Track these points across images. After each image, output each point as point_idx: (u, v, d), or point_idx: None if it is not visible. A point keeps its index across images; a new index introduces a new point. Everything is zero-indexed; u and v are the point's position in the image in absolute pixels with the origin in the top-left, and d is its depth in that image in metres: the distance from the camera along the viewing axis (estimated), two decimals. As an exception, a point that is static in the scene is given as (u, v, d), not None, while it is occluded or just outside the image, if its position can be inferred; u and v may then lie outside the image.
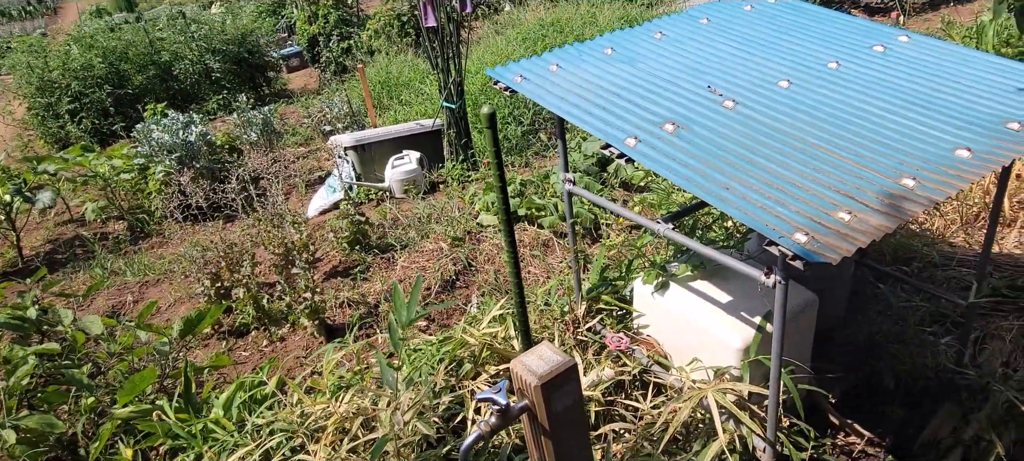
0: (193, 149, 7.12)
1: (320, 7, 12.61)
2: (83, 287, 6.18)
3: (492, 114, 1.90)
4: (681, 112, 2.35)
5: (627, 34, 2.90)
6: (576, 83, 2.56)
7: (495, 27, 11.87)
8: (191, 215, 6.94)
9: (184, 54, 11.74)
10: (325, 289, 5.00)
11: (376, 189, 6.76)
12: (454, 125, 6.88)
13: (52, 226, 8.10)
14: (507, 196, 2.08)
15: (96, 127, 10.92)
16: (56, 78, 10.77)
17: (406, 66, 10.83)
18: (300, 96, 13.09)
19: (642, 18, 8.97)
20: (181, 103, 11.58)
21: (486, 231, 5.38)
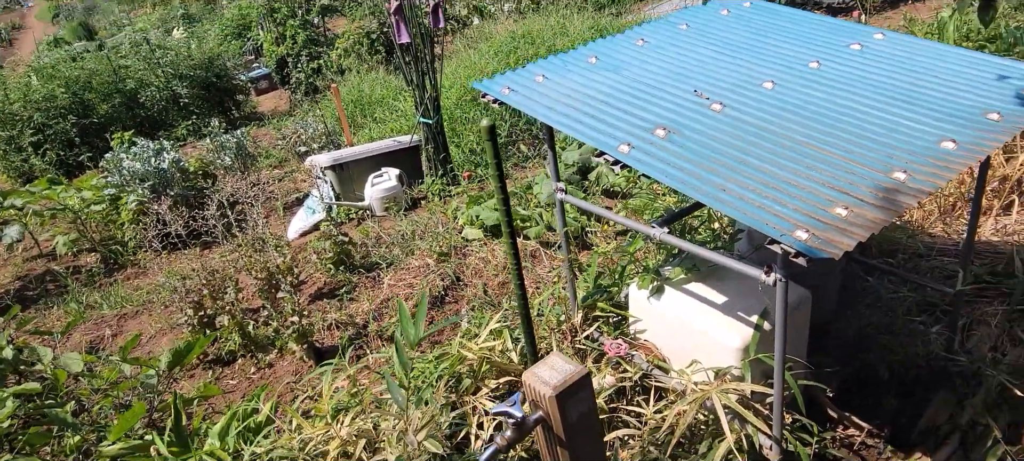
0: (166, 176, 7.01)
1: (287, 28, 12.52)
2: (58, 323, 6.02)
3: (492, 127, 1.90)
4: (671, 117, 2.38)
5: (610, 43, 2.93)
6: (564, 93, 2.57)
7: (466, 41, 11.90)
8: (169, 243, 6.81)
9: (150, 81, 11.56)
10: (312, 312, 4.95)
11: (356, 208, 6.71)
12: (432, 140, 6.87)
13: (20, 262, 7.88)
14: (509, 209, 2.08)
15: (61, 159, 10.69)
16: (17, 110, 10.53)
17: (378, 84, 10.80)
18: (271, 118, 12.97)
19: (612, 27, 9.07)
20: (149, 130, 11.40)
21: (471, 245, 5.37)
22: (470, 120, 8.25)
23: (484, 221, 5.37)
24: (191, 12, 23.33)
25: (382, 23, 12.21)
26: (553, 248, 5.10)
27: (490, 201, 5.55)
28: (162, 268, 6.86)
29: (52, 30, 35.38)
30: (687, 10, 3.18)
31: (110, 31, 28.20)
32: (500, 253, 5.15)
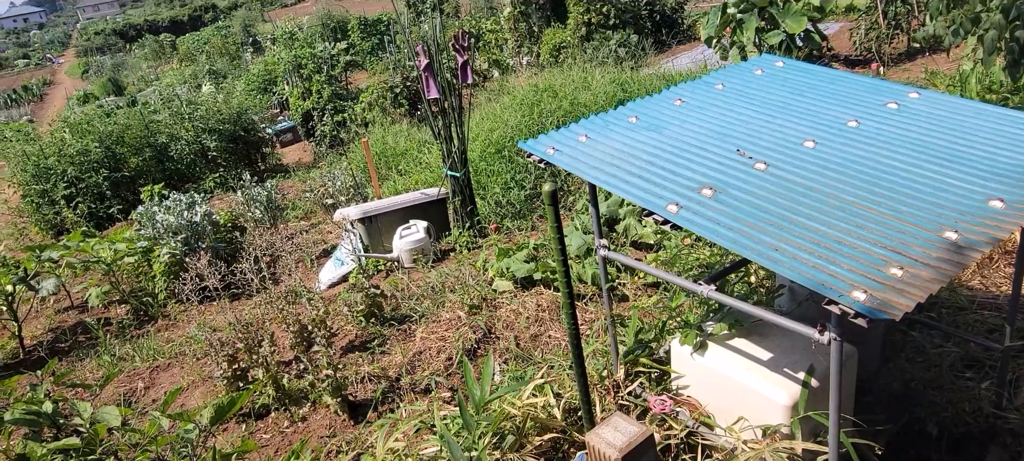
0: (198, 229, 7.14)
1: (313, 83, 12.85)
2: (91, 375, 6.09)
3: (554, 193, 1.96)
4: (716, 176, 2.43)
5: (648, 102, 3.00)
6: (608, 152, 2.63)
7: (487, 94, 12.13)
8: (202, 296, 6.90)
9: (180, 135, 11.86)
10: (345, 364, 4.97)
11: (385, 260, 6.78)
12: (459, 193, 6.97)
13: (52, 314, 8.01)
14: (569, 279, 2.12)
15: (92, 211, 10.93)
16: (52, 164, 10.82)
17: (402, 136, 11.01)
18: (295, 170, 13.21)
19: (633, 81, 9.22)
20: (177, 183, 11.65)
21: (502, 297, 5.40)
22: (495, 172, 8.37)
23: (515, 273, 5.41)
24: (216, 67, 24.00)
25: (405, 77, 12.50)
26: (585, 300, 5.12)
27: (520, 253, 5.59)
28: (193, 320, 6.94)
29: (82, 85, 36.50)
30: (722, 70, 3.26)
31: (138, 86, 29.05)
32: (531, 305, 5.17)
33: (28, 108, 34.23)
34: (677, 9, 16.33)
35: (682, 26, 16.37)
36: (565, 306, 2.28)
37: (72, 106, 26.46)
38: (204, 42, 35.42)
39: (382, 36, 22.13)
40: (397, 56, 14.16)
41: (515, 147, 8.40)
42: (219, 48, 29.15)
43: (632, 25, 14.83)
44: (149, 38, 48.76)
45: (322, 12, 25.05)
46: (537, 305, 5.17)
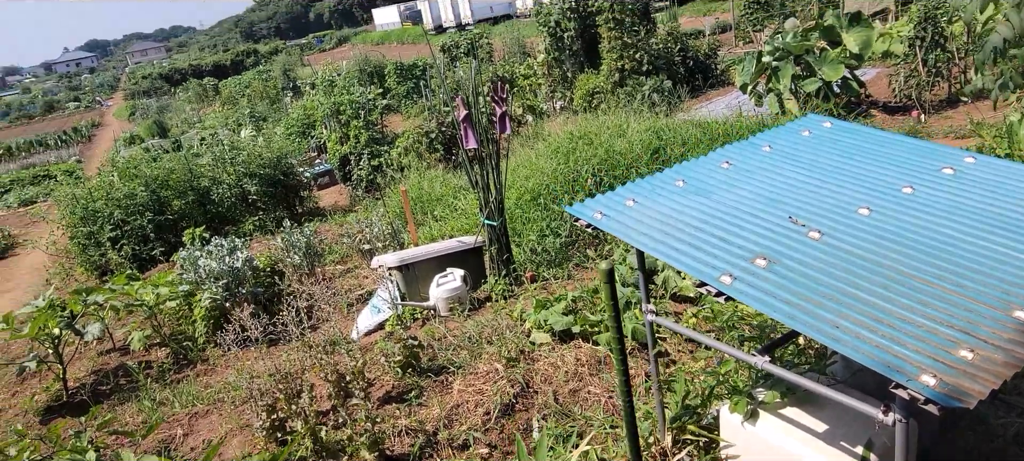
0: (239, 275, 7.25)
1: (351, 128, 13.10)
2: (132, 420, 6.16)
3: (611, 271, 1.95)
4: (769, 245, 2.39)
5: (694, 165, 2.99)
6: (656, 218, 2.62)
7: (521, 140, 12.23)
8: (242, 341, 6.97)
9: (222, 179, 12.14)
10: (382, 417, 4.95)
11: (421, 308, 6.80)
12: (495, 241, 6.99)
13: (95, 355, 8.15)
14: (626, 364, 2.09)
15: (136, 253, 11.19)
16: (99, 207, 11.14)
17: (437, 181, 11.12)
18: (332, 213, 13.40)
19: (669, 128, 9.22)
20: (217, 226, 11.89)
21: (540, 350, 5.35)
22: (530, 220, 8.38)
23: (553, 326, 5.37)
24: (257, 111, 24.66)
25: (441, 123, 12.68)
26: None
27: (558, 305, 5.56)
28: (231, 365, 7.00)
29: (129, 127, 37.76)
30: (769, 132, 3.24)
31: (181, 128, 29.96)
32: (570, 359, 5.11)
33: (77, 149, 35.47)
34: (710, 55, 16.38)
35: (715, 71, 16.39)
36: (621, 389, 2.24)
37: (118, 147, 27.37)
38: (245, 86, 36.49)
39: (417, 80, 22.57)
40: (433, 101, 14.39)
41: (550, 195, 8.42)
42: (260, 92, 30.00)
43: (665, 71, 14.90)
44: (193, 82, 50.42)
45: (359, 57, 25.69)
46: (576, 359, 5.11)
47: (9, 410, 7.38)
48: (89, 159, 31.75)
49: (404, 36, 66.99)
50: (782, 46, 10.41)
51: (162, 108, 40.92)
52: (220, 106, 34.50)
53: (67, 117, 57.11)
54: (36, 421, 6.74)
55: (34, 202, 23.34)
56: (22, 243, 17.50)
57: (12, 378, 8.00)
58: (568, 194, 8.32)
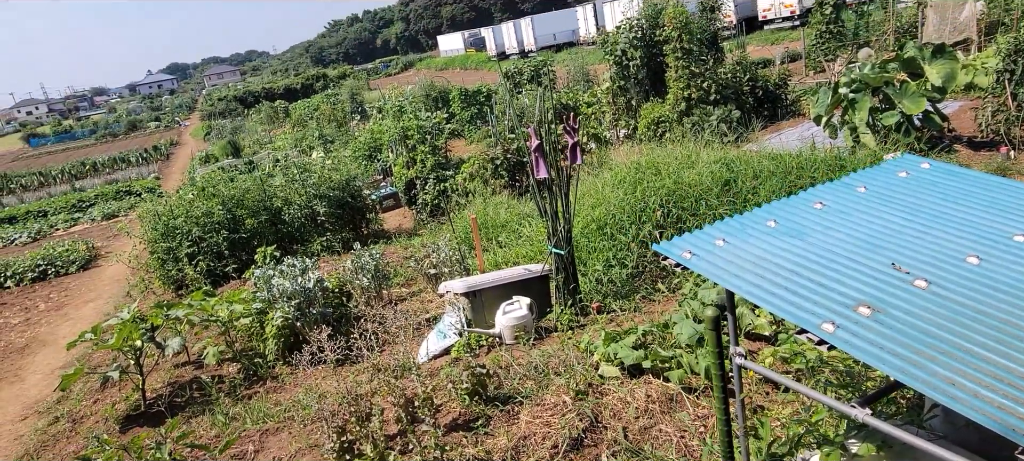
0: (310, 295, 7.42)
1: (418, 153, 13.34)
2: (205, 433, 6.34)
3: (717, 318, 1.90)
4: (871, 293, 2.29)
5: (786, 205, 2.91)
6: (748, 259, 2.55)
7: (585, 168, 12.19)
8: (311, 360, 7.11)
9: (293, 199, 12.52)
10: (450, 445, 4.95)
11: (487, 335, 6.80)
12: (562, 270, 6.95)
13: (171, 368, 8.44)
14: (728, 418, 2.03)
15: (211, 269, 11.59)
16: (179, 224, 11.62)
17: (502, 207, 11.18)
18: (396, 236, 13.62)
19: (739, 160, 9.03)
20: (287, 245, 12.23)
21: (609, 384, 5.27)
22: (595, 249, 8.31)
23: (623, 359, 5.29)
24: (325, 133, 25.39)
25: (506, 150, 12.78)
26: (696, 393, 4.93)
27: (628, 338, 5.48)
28: (300, 383, 7.15)
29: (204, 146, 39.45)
30: (862, 172, 3.13)
31: (253, 148, 31.10)
32: (640, 395, 5.02)
33: (156, 166, 37.26)
34: (780, 85, 16.04)
35: (785, 101, 16.04)
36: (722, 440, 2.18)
37: (194, 166, 28.61)
38: (314, 108, 37.69)
39: (481, 106, 22.86)
40: (498, 127, 14.53)
41: (616, 225, 8.34)
42: (328, 115, 30.93)
43: (733, 100, 14.66)
44: (265, 104, 52.39)
45: (425, 82, 26.22)
46: (647, 395, 5.01)
47: (91, 417, 7.71)
48: (166, 176, 33.31)
49: (467, 62, 68.18)
50: (859, 77, 10.11)
51: (236, 129, 42.63)
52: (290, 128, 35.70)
53: (148, 136, 60.15)
54: (116, 429, 7.01)
55: (116, 216, 24.57)
56: (105, 255, 18.42)
57: (95, 386, 8.37)
58: (635, 225, 8.24)
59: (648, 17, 15.53)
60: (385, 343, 7.41)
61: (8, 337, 12.60)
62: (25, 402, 9.21)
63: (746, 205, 8.15)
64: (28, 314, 14.05)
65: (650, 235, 8.03)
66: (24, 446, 7.50)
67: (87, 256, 17.93)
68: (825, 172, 8.62)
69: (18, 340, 12.30)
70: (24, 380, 10.21)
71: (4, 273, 16.94)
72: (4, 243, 22.97)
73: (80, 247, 18.40)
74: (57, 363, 10.60)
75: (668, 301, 7.22)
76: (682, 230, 8.04)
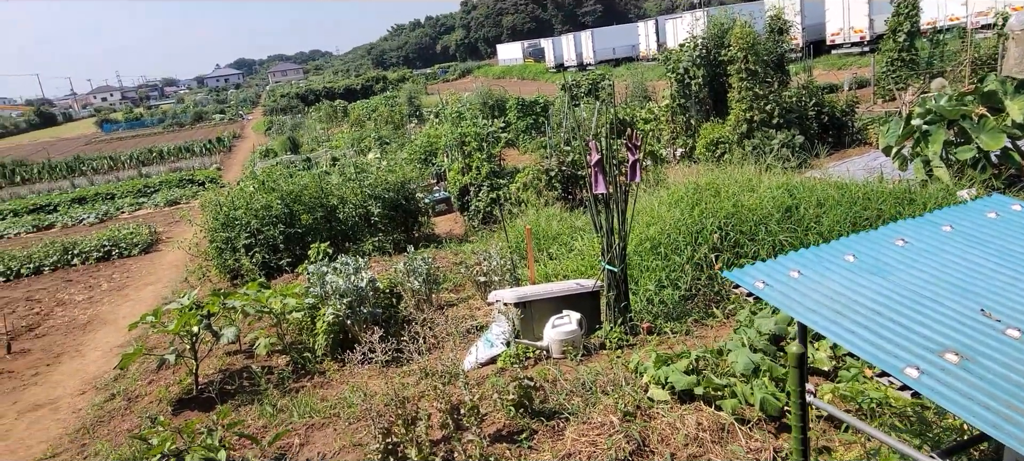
0: (362, 294, 7.50)
1: (474, 160, 13.40)
2: (253, 423, 6.45)
3: (802, 355, 1.82)
4: (959, 339, 2.16)
5: (865, 239, 2.78)
6: (825, 294, 2.43)
7: (642, 185, 12.03)
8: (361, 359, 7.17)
9: (349, 198, 12.71)
10: (494, 457, 4.91)
11: (534, 348, 6.74)
12: (614, 287, 6.85)
13: (223, 355, 8.64)
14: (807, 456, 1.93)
15: (265, 261, 11.84)
16: (239, 216, 11.92)
17: (554, 220, 11.12)
18: (447, 241, 13.69)
19: (802, 187, 8.78)
20: (339, 242, 12.42)
21: (658, 407, 5.15)
22: (648, 268, 8.18)
23: (673, 384, 5.16)
24: (382, 134, 25.78)
25: (561, 162, 12.73)
26: (749, 425, 4.77)
27: (680, 362, 5.35)
28: (345, 381, 7.21)
29: (264, 141, 40.58)
30: (947, 210, 2.97)
31: (311, 146, 31.81)
32: (690, 422, 4.88)
33: (218, 157, 38.44)
34: (847, 111, 15.57)
35: (852, 129, 15.56)
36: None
37: (254, 159, 29.40)
38: (372, 110, 38.37)
39: (537, 117, 22.87)
40: (554, 139, 14.50)
41: (672, 245, 8.19)
42: (385, 117, 31.42)
43: (797, 125, 14.29)
44: (325, 103, 53.61)
45: (482, 90, 26.40)
46: (697, 423, 4.87)
47: (145, 397, 7.95)
48: (228, 167, 34.33)
49: (525, 72, 68.45)
50: (934, 109, 9.72)
51: (295, 125, 43.69)
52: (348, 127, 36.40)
53: (212, 127, 62.20)
54: (169, 411, 7.19)
55: (178, 203, 25.43)
56: (166, 240, 19.06)
57: (151, 368, 8.63)
58: (690, 246, 8.08)
59: (713, 36, 15.29)
60: (432, 347, 7.43)
61: (72, 313, 13.14)
62: (84, 377, 9.56)
63: (808, 234, 7.90)
64: (91, 292, 14.62)
65: (705, 258, 7.86)
66: (82, 420, 7.78)
67: (149, 240, 18.58)
68: (893, 205, 8.30)
69: (81, 317, 12.80)
70: (84, 356, 10.60)
71: (72, 251, 17.69)
72: (73, 222, 24.01)
73: (143, 231, 19.08)
74: (116, 341, 10.98)
75: (721, 327, 7.04)
76: (739, 255, 7.84)
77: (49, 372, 10.06)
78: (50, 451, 7.09)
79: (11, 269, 16.89)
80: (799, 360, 1.85)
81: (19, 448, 7.45)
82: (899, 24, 19.27)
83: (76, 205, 27.22)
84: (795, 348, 1.83)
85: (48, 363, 10.47)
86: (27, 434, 7.83)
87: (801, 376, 1.90)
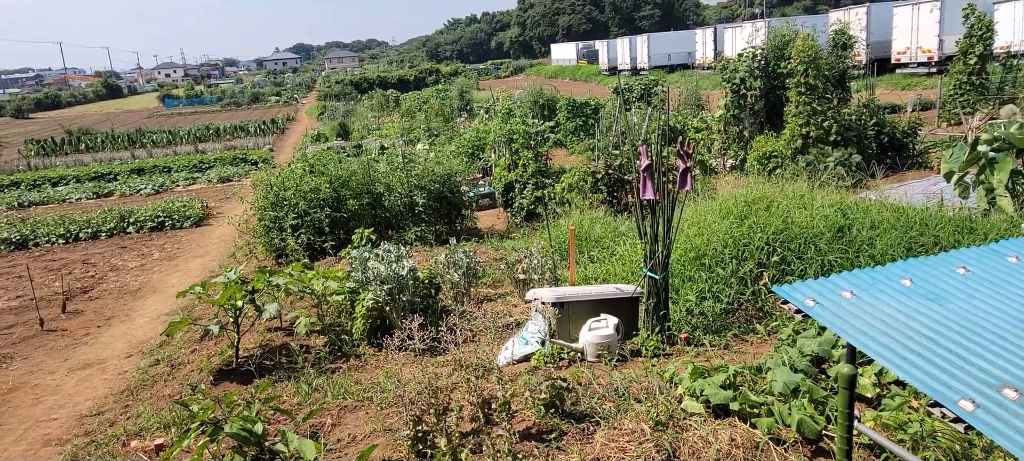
0: (402, 282, 7.56)
1: (521, 158, 13.39)
2: (288, 399, 6.56)
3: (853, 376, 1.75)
4: (1019, 376, 2.05)
5: (924, 265, 2.67)
6: (877, 317, 2.34)
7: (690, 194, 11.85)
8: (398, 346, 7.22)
9: (395, 187, 12.84)
10: (521, 452, 4.89)
11: (569, 349, 6.70)
12: (655, 295, 6.77)
13: (264, 331, 8.82)
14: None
15: (310, 243, 12.05)
16: (288, 197, 12.16)
17: (598, 223, 11.02)
18: (488, 236, 13.72)
19: (856, 208, 8.52)
20: (383, 230, 12.56)
21: (691, 420, 5.06)
22: (690, 278, 8.05)
23: (709, 397, 5.06)
24: (432, 126, 25.98)
25: (608, 165, 12.63)
26: (784, 446, 4.64)
27: (718, 376, 5.24)
28: (380, 366, 7.29)
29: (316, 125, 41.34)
30: (1014, 241, 2.83)
31: (361, 133, 32.28)
32: (724, 437, 4.78)
33: (271, 138, 39.33)
34: (909, 133, 15.06)
35: (912, 151, 15.04)
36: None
37: (306, 143, 29.98)
38: (423, 101, 38.73)
39: (586, 119, 22.74)
40: (602, 142, 14.38)
41: (716, 257, 8.04)
42: (436, 109, 31.67)
43: (855, 143, 13.88)
44: (378, 91, 54.33)
45: (533, 88, 26.37)
46: (731, 439, 4.76)
47: (187, 365, 8.17)
48: (280, 149, 35.08)
49: (577, 73, 68.22)
50: (1003, 136, 9.32)
51: (347, 112, 44.38)
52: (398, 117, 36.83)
53: (268, 109, 63.68)
54: (209, 380, 7.38)
55: (230, 180, 26.10)
56: (216, 216, 19.59)
57: (195, 337, 8.87)
58: (735, 260, 7.92)
59: (773, 47, 14.96)
60: (466, 341, 7.44)
61: (124, 279, 13.60)
62: (131, 341, 9.89)
63: (859, 256, 7.66)
64: (143, 260, 15.12)
65: (750, 273, 7.70)
66: (127, 382, 8.04)
67: (200, 214, 19.11)
68: (952, 233, 8.00)
69: (132, 283, 13.25)
70: (133, 321, 10.97)
71: (128, 219, 18.32)
72: (131, 192, 24.87)
73: (195, 205, 19.64)
74: (163, 309, 11.32)
75: (761, 344, 6.89)
76: (785, 272, 7.65)
77: (99, 333, 10.44)
78: (96, 408, 7.35)
79: (71, 232, 17.58)
80: (849, 381, 1.78)
81: (68, 403, 7.74)
82: (971, 46, 18.53)
83: (135, 176, 28.18)
84: (846, 369, 1.76)
85: (99, 325, 10.86)
86: (76, 390, 8.13)
87: (850, 398, 1.83)
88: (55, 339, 10.28)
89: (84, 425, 6.95)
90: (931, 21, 30.67)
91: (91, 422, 6.97)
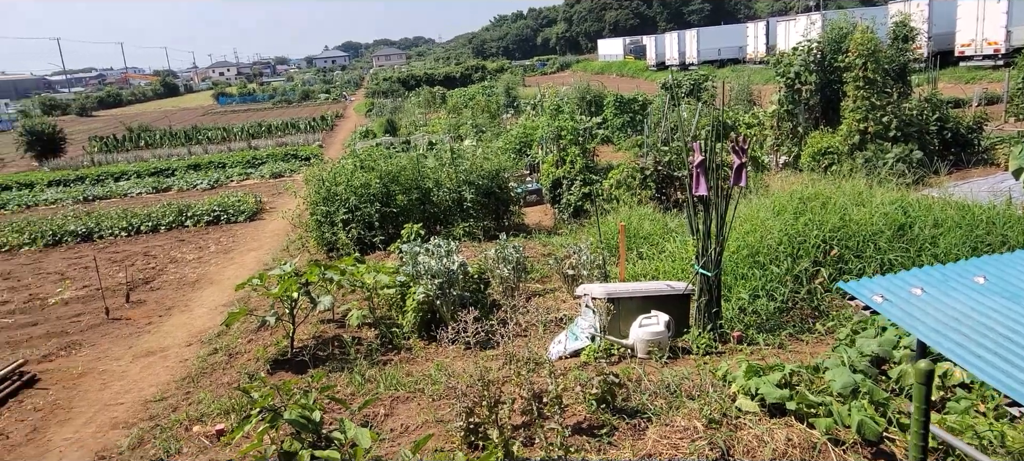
0: (452, 276, 7.64)
1: (569, 154, 13.35)
2: (342, 389, 6.70)
3: (929, 372, 1.71)
4: (1106, 376, 1.96)
5: (999, 262, 2.58)
6: (950, 314, 2.27)
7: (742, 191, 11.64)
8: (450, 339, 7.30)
9: (444, 182, 12.96)
10: (573, 446, 4.90)
11: (619, 345, 6.67)
12: (706, 293, 6.68)
13: (317, 322, 9.02)
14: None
15: (360, 237, 12.25)
16: (339, 191, 12.39)
17: (647, 220, 10.93)
18: (536, 232, 13.74)
19: (919, 206, 8.24)
20: (431, 225, 12.69)
21: (745, 418, 4.98)
22: (743, 276, 7.91)
23: (764, 396, 4.98)
24: (478, 122, 26.11)
25: (657, 161, 12.50)
26: (843, 447, 4.53)
27: (773, 375, 5.15)
28: (430, 359, 7.38)
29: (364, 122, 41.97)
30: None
31: (408, 129, 32.64)
32: (780, 437, 4.69)
33: (321, 135, 40.09)
34: (974, 129, 14.48)
35: (977, 147, 14.46)
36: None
37: (355, 139, 30.48)
38: (470, 98, 38.92)
39: (635, 115, 22.53)
40: (651, 138, 14.24)
41: (770, 254, 7.89)
42: (482, 105, 31.81)
43: (916, 139, 13.42)
44: (425, 88, 54.85)
45: (580, 84, 26.26)
46: (787, 439, 4.67)
47: (245, 354, 8.41)
48: (329, 145, 35.74)
49: (624, 69, 67.59)
50: (1077, 131, 8.88)
51: (395, 109, 44.93)
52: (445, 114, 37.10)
53: (317, 106, 64.89)
54: (266, 369, 7.59)
55: (282, 176, 26.70)
56: (269, 210, 20.08)
57: (251, 327, 9.13)
58: (790, 257, 7.75)
59: (829, 40, 14.56)
60: (517, 335, 7.48)
61: (183, 271, 14.08)
62: (191, 331, 10.23)
63: (921, 255, 7.41)
64: (201, 253, 15.61)
65: (806, 271, 7.52)
66: (187, 369, 8.33)
67: (254, 209, 19.62)
68: (1021, 233, 7.67)
69: (191, 275, 13.69)
70: (192, 311, 11.34)
71: (186, 213, 18.94)
72: (188, 187, 25.69)
73: (249, 200, 20.17)
74: (221, 300, 11.68)
75: (818, 344, 6.74)
76: (843, 271, 7.45)
77: (161, 323, 10.83)
78: (159, 394, 7.63)
79: (133, 225, 18.27)
80: (925, 377, 1.73)
81: (133, 388, 8.06)
82: (1040, 37, 17.70)
83: (191, 171, 29.08)
84: (923, 364, 1.72)
85: (160, 314, 11.27)
86: (140, 377, 8.46)
87: (926, 395, 1.78)
88: (120, 327, 10.71)
89: (149, 410, 7.23)
90: (998, 12, 29.38)
91: (155, 407, 7.25)
